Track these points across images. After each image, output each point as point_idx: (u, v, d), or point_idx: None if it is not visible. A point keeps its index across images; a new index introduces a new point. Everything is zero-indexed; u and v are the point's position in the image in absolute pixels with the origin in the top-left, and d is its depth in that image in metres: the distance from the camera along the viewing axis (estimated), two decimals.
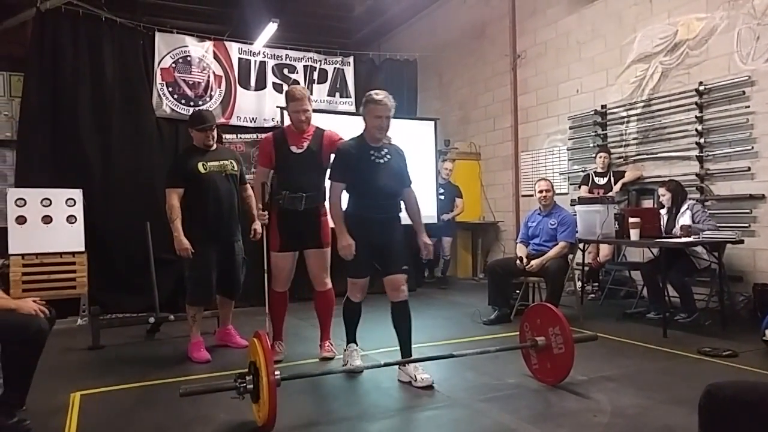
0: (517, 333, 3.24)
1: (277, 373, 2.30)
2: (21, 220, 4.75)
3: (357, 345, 3.33)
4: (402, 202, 3.26)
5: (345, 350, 3.32)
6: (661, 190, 4.67)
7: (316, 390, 2.96)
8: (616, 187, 5.44)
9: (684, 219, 4.42)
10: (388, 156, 3.16)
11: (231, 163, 3.73)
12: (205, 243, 3.54)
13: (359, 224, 3.08)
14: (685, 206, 4.49)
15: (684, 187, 4.66)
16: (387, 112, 3.07)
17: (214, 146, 3.71)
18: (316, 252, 3.52)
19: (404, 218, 3.28)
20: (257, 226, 3.72)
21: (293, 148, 3.43)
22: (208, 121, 3.68)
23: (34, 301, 2.55)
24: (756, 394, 1.43)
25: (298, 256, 3.58)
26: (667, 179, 4.83)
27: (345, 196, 3.19)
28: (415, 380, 2.95)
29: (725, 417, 1.43)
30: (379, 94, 3.09)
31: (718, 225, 4.46)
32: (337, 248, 3.10)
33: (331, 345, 3.61)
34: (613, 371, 3.16)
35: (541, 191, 4.78)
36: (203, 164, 3.59)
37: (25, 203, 4.78)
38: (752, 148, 4.61)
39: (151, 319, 4.30)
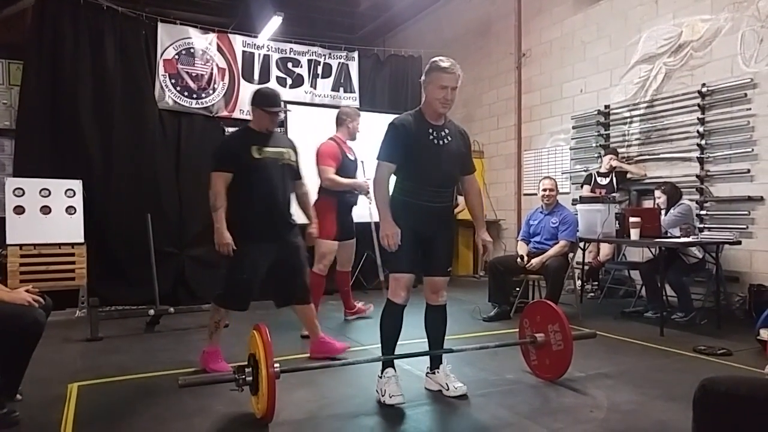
0: (517, 330, 3.28)
1: (276, 365, 2.31)
2: (19, 210, 4.72)
3: (395, 370, 2.76)
4: (460, 192, 2.89)
5: (380, 377, 2.75)
6: (657, 193, 4.72)
7: (316, 383, 2.99)
8: (626, 167, 5.53)
9: (666, 218, 4.51)
10: (449, 138, 2.73)
11: (289, 151, 3.29)
12: (250, 242, 3.10)
13: (406, 211, 2.66)
14: (675, 208, 4.55)
15: (679, 189, 4.70)
16: (454, 82, 2.65)
17: (274, 131, 3.33)
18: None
19: None
20: (313, 230, 3.46)
21: (349, 156, 4.29)
22: (279, 102, 3.31)
23: (27, 291, 2.50)
24: (749, 388, 1.47)
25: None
26: (663, 181, 4.88)
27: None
28: (447, 389, 2.78)
29: (719, 411, 1.47)
30: (446, 61, 2.66)
31: (709, 228, 4.52)
32: (379, 237, 2.68)
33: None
34: (610, 368, 3.21)
35: (545, 190, 4.81)
36: (258, 149, 3.13)
37: (24, 193, 4.75)
38: (752, 150, 4.64)
39: (151, 312, 4.28)
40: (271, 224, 3.15)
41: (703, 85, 4.97)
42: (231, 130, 5.79)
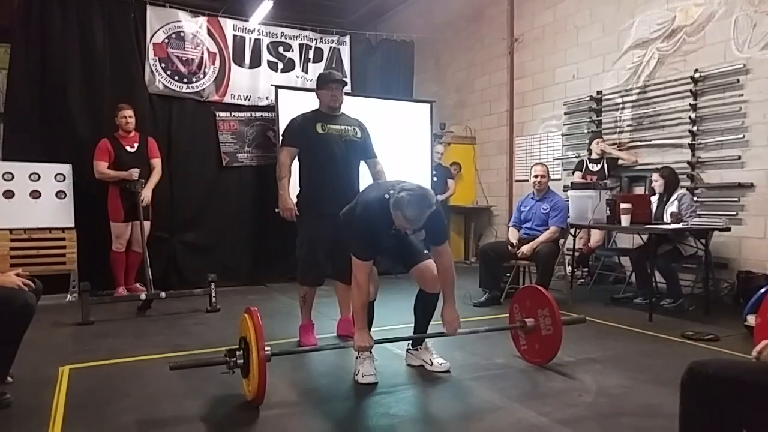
0: (507, 315, 3.29)
1: (267, 348, 2.32)
2: (9, 194, 4.70)
3: (370, 351, 2.82)
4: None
5: (356, 357, 2.85)
6: (655, 176, 4.71)
7: (306, 366, 3.01)
8: (617, 152, 5.55)
9: (672, 207, 4.48)
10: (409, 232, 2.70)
11: (354, 129, 3.42)
12: (313, 214, 3.29)
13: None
14: (675, 195, 4.54)
15: (677, 175, 4.70)
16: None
17: (340, 112, 3.43)
18: None
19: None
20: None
21: (127, 148, 4.75)
22: (334, 77, 3.42)
23: (17, 275, 2.48)
24: (736, 371, 1.48)
25: None
26: (660, 166, 4.87)
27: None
28: (431, 364, 2.90)
29: (706, 393, 1.48)
30: (411, 209, 2.42)
31: (700, 215, 4.57)
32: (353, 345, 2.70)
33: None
34: (599, 353, 3.23)
35: (536, 176, 4.79)
36: (322, 125, 3.32)
37: (13, 177, 4.72)
38: (744, 136, 4.65)
39: (143, 296, 4.29)
40: (331, 197, 3.18)
41: (696, 70, 4.96)
42: (222, 114, 5.77)
